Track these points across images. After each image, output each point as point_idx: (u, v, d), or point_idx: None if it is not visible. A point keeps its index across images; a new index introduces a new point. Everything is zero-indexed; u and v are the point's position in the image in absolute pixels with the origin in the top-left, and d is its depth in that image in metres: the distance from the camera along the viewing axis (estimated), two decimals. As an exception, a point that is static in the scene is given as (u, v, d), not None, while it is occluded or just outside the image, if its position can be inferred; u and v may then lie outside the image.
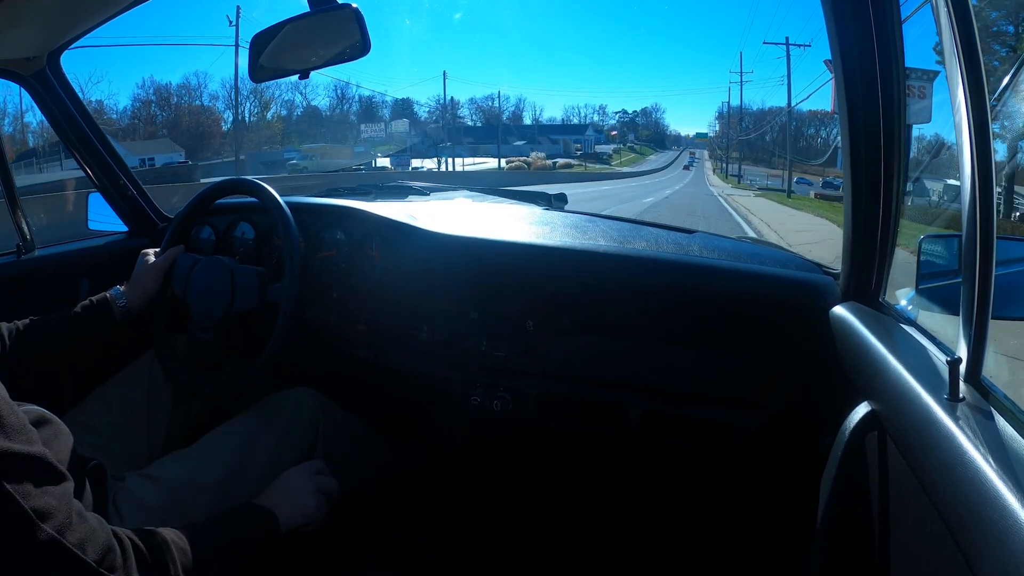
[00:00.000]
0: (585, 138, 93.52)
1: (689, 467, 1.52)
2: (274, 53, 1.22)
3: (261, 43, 1.22)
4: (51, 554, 0.60)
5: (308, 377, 1.46)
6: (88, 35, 1.44)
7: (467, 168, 50.83)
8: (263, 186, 1.39)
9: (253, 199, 1.42)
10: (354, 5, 1.11)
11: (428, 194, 1.95)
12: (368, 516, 1.55)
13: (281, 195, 1.39)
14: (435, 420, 1.65)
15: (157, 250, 1.44)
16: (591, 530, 1.64)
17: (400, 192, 1.97)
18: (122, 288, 1.34)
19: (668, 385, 1.33)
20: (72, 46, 1.49)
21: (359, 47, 1.14)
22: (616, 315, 1.35)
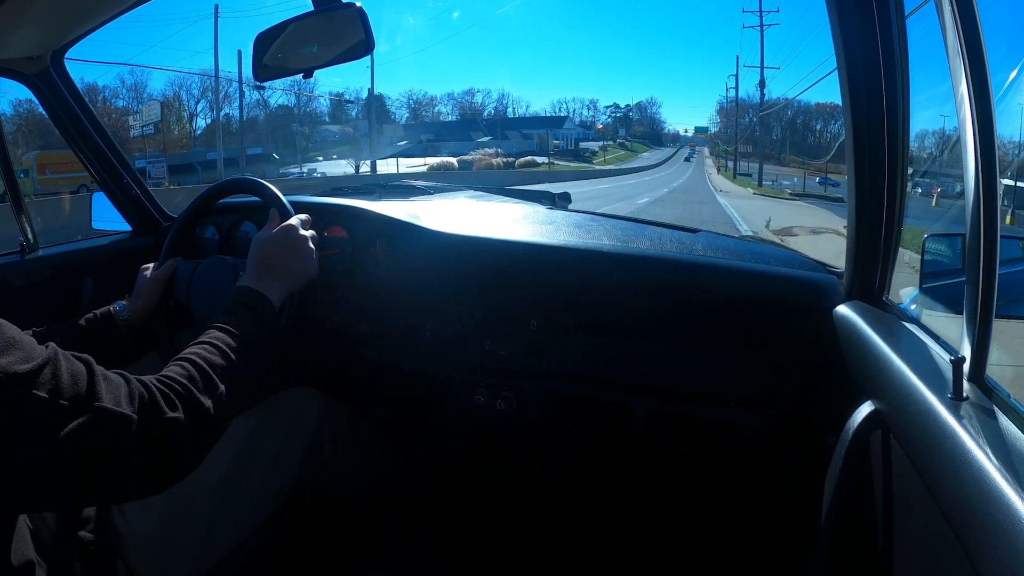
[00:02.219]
0: (563, 132, 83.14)
1: (693, 467, 1.52)
2: (277, 52, 1.22)
3: (265, 42, 1.22)
4: (100, 421, 0.70)
5: (311, 376, 1.46)
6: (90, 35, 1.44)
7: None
8: (266, 185, 1.39)
9: (257, 198, 1.42)
10: (358, 4, 1.12)
11: (432, 193, 1.96)
12: (371, 516, 1.55)
13: (285, 194, 1.40)
14: (438, 420, 1.65)
15: (156, 264, 1.44)
16: (595, 530, 1.64)
17: (404, 191, 1.97)
18: (125, 302, 1.34)
19: (672, 385, 1.33)
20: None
21: (363, 46, 1.15)
22: (620, 314, 1.35)
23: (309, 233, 1.22)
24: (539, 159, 65.13)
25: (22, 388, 0.66)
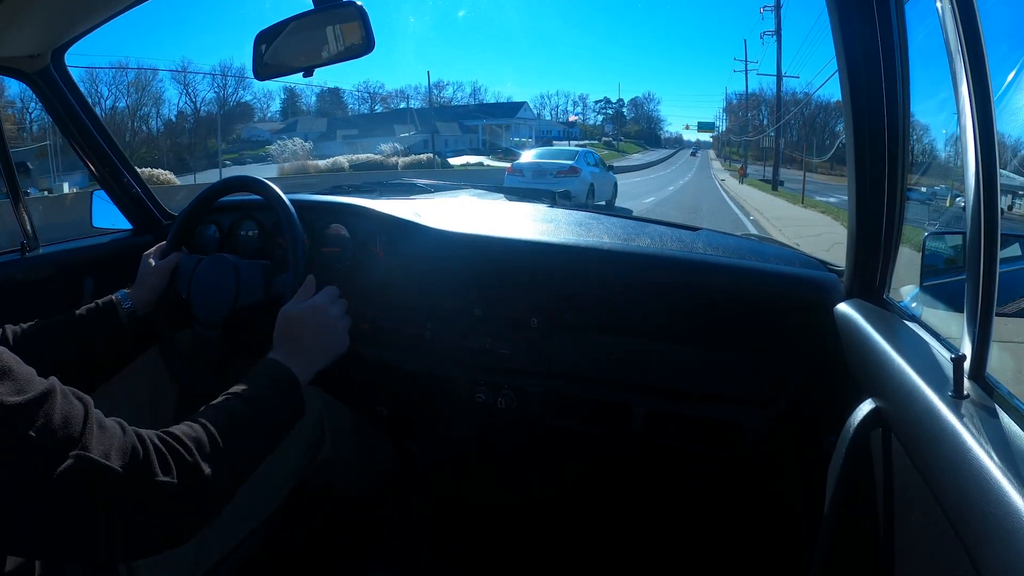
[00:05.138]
0: (519, 123, 64.75)
1: (693, 466, 1.52)
2: (278, 50, 1.22)
3: (265, 40, 1.22)
4: (82, 471, 0.66)
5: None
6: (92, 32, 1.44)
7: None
8: (267, 183, 1.40)
9: (258, 197, 1.42)
10: (358, 3, 1.12)
11: (432, 192, 1.96)
12: (372, 514, 1.56)
13: (285, 192, 1.40)
14: (439, 418, 1.65)
15: (159, 245, 1.44)
16: (595, 529, 1.65)
17: (405, 190, 1.97)
18: (128, 291, 1.34)
19: (673, 384, 1.33)
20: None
21: (363, 44, 1.15)
22: (620, 313, 1.35)
23: (339, 306, 1.20)
24: (470, 157, 46.62)
25: (8, 421, 0.63)
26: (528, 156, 16.50)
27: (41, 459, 0.64)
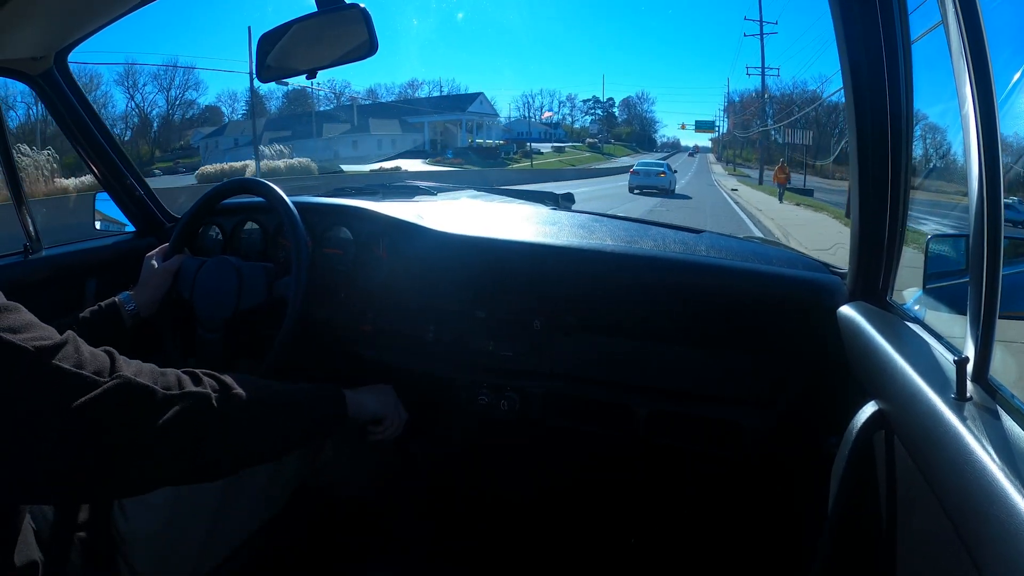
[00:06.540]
0: (472, 118, 54.93)
1: (696, 467, 1.52)
2: (281, 53, 1.22)
3: (268, 43, 1.22)
4: (119, 391, 0.72)
5: (314, 377, 1.47)
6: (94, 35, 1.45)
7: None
8: (270, 185, 1.40)
9: (260, 199, 1.43)
10: (362, 5, 1.12)
11: (435, 194, 1.96)
12: (373, 515, 1.56)
13: (288, 195, 1.40)
14: (441, 420, 1.65)
15: (162, 246, 1.44)
16: (597, 530, 1.64)
17: (407, 192, 1.97)
18: (131, 292, 1.34)
19: (675, 385, 1.33)
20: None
21: (366, 47, 1.15)
22: (623, 315, 1.35)
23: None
24: (387, 163, 40.42)
25: (44, 360, 0.67)
26: (639, 163, 27.48)
27: (82, 387, 0.69)
